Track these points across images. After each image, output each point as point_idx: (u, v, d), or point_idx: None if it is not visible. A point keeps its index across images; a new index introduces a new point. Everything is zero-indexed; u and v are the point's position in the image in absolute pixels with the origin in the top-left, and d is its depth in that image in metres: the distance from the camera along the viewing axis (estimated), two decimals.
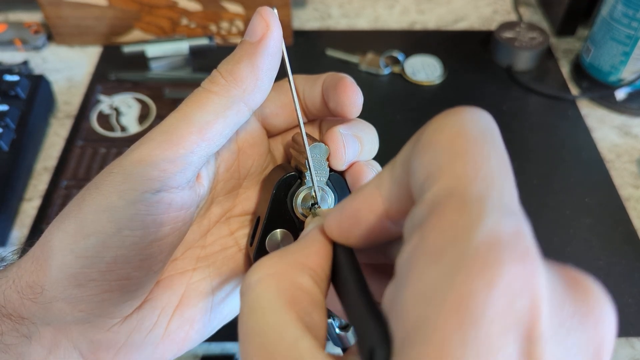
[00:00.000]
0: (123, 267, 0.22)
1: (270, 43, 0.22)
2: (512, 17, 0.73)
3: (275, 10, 0.23)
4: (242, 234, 0.28)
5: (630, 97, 0.59)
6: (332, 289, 0.18)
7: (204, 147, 0.22)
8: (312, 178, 0.25)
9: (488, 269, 0.11)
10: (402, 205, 0.15)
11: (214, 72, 0.23)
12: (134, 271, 0.22)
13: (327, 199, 0.26)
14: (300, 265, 0.16)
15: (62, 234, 0.21)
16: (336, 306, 0.20)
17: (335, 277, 0.17)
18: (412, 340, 0.11)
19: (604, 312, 0.13)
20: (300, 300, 0.15)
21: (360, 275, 0.16)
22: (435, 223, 0.12)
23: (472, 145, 0.13)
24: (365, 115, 0.26)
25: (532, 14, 0.74)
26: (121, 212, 0.21)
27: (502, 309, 0.11)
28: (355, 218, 0.17)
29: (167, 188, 0.22)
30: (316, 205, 0.26)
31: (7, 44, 0.66)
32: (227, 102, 0.23)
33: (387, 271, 0.20)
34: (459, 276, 0.11)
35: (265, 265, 0.16)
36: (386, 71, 0.63)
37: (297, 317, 0.15)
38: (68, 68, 0.65)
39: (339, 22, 0.72)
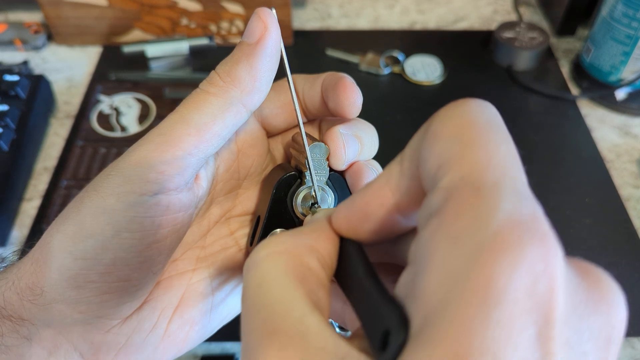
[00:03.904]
0: (122, 268, 0.22)
1: (268, 44, 0.22)
2: (512, 17, 0.73)
3: (274, 11, 0.23)
4: (242, 234, 0.28)
5: (630, 97, 0.59)
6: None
7: (201, 149, 0.22)
8: (312, 178, 0.25)
9: (510, 251, 0.11)
10: (412, 197, 0.16)
11: (212, 73, 0.23)
12: (133, 273, 0.22)
13: (327, 199, 0.26)
14: (310, 247, 0.16)
15: (61, 235, 0.21)
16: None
17: (339, 271, 0.17)
18: (435, 321, 0.11)
19: (616, 300, 0.13)
20: (309, 278, 0.15)
21: (370, 264, 0.16)
22: (453, 208, 0.12)
23: (482, 134, 0.13)
24: (365, 115, 0.26)
25: (532, 14, 0.74)
26: (119, 214, 0.21)
27: (523, 291, 0.11)
28: (365, 212, 0.17)
29: (165, 190, 0.22)
30: (316, 205, 0.26)
31: (7, 44, 0.66)
32: (225, 103, 0.22)
33: (391, 270, 0.20)
34: (481, 258, 0.11)
35: (275, 242, 0.16)
36: (386, 71, 0.63)
37: (305, 293, 0.14)
38: (68, 68, 0.65)
39: (339, 22, 0.72)
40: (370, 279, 0.15)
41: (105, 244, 0.21)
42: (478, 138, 0.13)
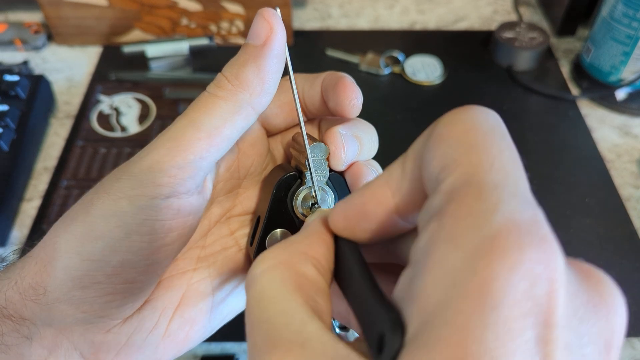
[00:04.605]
0: (129, 271, 0.22)
1: (275, 45, 0.22)
2: (512, 17, 0.73)
3: (278, 11, 0.22)
4: (242, 234, 0.28)
5: (631, 97, 0.59)
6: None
7: (212, 153, 0.22)
8: (312, 178, 0.25)
9: (509, 254, 0.11)
10: (413, 199, 0.16)
11: (219, 76, 0.23)
12: (140, 275, 0.22)
13: (327, 199, 0.26)
14: (303, 254, 0.16)
15: (69, 236, 0.21)
16: (334, 307, 0.20)
17: (338, 272, 0.17)
18: (432, 324, 0.11)
19: (616, 303, 0.13)
20: (305, 286, 0.15)
21: (366, 266, 0.16)
22: (454, 210, 0.12)
23: (485, 138, 0.13)
24: (365, 115, 0.26)
25: (532, 14, 0.74)
26: (131, 217, 0.21)
27: (522, 294, 0.11)
28: (363, 212, 0.16)
29: (176, 194, 0.22)
30: (316, 205, 0.26)
31: (7, 44, 0.66)
32: (235, 106, 0.22)
33: (390, 271, 0.20)
34: (480, 261, 0.11)
35: (269, 257, 0.16)
36: (386, 71, 0.63)
37: (304, 301, 0.15)
38: (68, 68, 0.65)
39: (339, 22, 0.72)
40: (366, 281, 0.15)
41: (114, 246, 0.21)
42: (482, 142, 0.13)
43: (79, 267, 0.21)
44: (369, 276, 0.15)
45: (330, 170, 0.25)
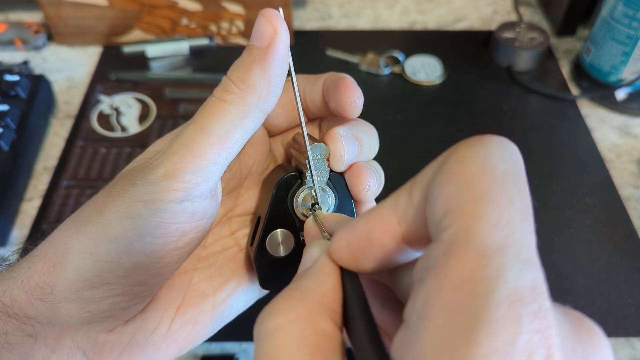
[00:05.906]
0: (141, 273, 0.22)
1: (279, 47, 0.22)
2: (512, 17, 0.73)
3: (281, 11, 0.23)
4: (243, 234, 0.28)
5: (631, 97, 0.59)
6: None
7: (224, 157, 0.23)
8: (312, 178, 0.25)
9: (508, 327, 0.11)
10: (419, 228, 0.15)
11: (225, 79, 0.23)
12: (150, 278, 0.22)
13: (328, 199, 0.26)
14: (321, 306, 0.15)
15: (82, 237, 0.21)
16: None
17: (343, 306, 0.16)
18: None
19: (606, 353, 0.13)
20: (322, 348, 0.14)
21: (369, 313, 0.15)
22: (453, 272, 0.12)
23: (496, 185, 0.13)
24: (365, 115, 0.26)
25: (532, 14, 0.74)
26: (146, 220, 0.21)
27: None
28: (368, 239, 0.16)
29: (191, 198, 0.22)
30: (316, 206, 0.26)
31: (7, 44, 0.66)
32: (243, 110, 0.22)
33: (387, 289, 0.20)
34: (479, 335, 0.11)
35: (284, 310, 0.15)
36: (386, 71, 0.63)
37: None
38: (68, 68, 0.65)
39: (339, 22, 0.72)
40: (368, 333, 0.15)
41: (128, 248, 0.21)
42: (492, 190, 0.13)
43: (92, 268, 0.21)
44: (370, 327, 0.15)
45: (331, 170, 0.25)
